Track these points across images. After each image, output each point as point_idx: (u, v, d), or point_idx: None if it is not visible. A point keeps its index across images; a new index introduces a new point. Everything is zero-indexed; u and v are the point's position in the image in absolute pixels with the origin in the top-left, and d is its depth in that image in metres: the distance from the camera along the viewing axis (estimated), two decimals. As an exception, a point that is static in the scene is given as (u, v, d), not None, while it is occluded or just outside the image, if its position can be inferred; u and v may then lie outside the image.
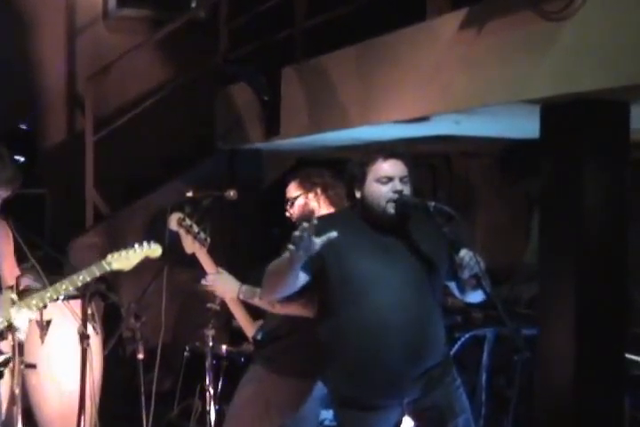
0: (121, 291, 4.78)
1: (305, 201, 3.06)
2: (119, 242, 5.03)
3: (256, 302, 2.95)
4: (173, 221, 3.22)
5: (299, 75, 4.62)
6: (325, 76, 4.33)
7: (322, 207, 3.05)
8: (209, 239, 3.15)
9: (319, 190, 3.05)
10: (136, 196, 5.25)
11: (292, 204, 3.08)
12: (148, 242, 3.06)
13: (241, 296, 3.01)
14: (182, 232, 3.19)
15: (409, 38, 3.67)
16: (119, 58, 5.32)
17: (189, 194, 3.48)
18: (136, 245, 3.04)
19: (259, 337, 3.08)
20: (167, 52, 5.83)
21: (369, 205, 2.57)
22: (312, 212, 3.04)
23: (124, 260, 3.01)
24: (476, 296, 2.61)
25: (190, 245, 3.18)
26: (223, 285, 3.07)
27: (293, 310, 2.86)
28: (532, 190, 2.40)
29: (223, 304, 3.77)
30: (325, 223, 2.68)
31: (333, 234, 2.36)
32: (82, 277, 2.95)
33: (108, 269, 2.98)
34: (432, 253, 2.57)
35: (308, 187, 3.06)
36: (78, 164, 5.20)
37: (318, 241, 2.34)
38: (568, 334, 3.05)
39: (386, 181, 2.54)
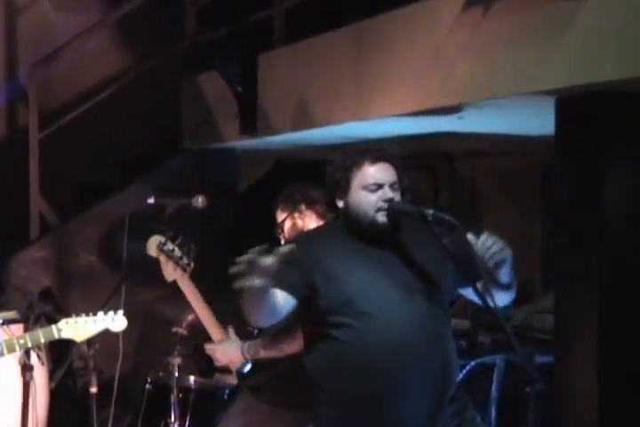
0: (71, 313, 4.75)
1: (292, 222, 3.13)
2: (69, 257, 5.06)
3: (263, 354, 3.05)
4: (152, 246, 3.25)
5: (278, 62, 4.65)
6: (309, 63, 4.35)
7: (310, 224, 3.10)
8: (192, 264, 3.17)
9: (303, 207, 3.12)
10: (89, 203, 5.24)
11: (282, 229, 3.14)
12: (115, 312, 3.04)
13: (248, 357, 3.09)
14: (162, 259, 3.22)
15: (405, 20, 3.71)
16: (68, 42, 5.32)
17: (151, 201, 3.50)
18: (99, 314, 3.01)
19: (245, 370, 3.11)
20: (125, 35, 5.83)
21: (355, 216, 2.58)
22: (302, 231, 3.09)
23: (79, 329, 2.98)
24: (504, 297, 2.60)
25: (171, 273, 3.21)
26: (225, 353, 3.16)
27: (302, 345, 2.90)
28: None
29: (190, 328, 3.78)
30: (309, 240, 2.69)
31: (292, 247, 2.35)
32: (22, 342, 2.92)
33: (56, 336, 2.96)
34: (430, 265, 2.58)
35: (291, 206, 3.14)
36: (21, 165, 5.19)
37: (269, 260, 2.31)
38: (590, 361, 3.08)
39: (374, 188, 2.55)
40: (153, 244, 3.25)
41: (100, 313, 3.01)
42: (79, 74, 5.70)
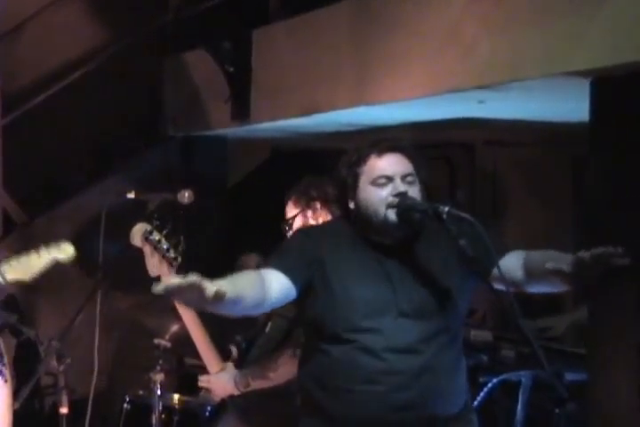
0: (39, 323, 4.77)
1: (303, 220, 3.14)
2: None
3: (253, 385, 3.11)
4: (137, 235, 3.25)
5: (275, 39, 4.65)
6: (310, 41, 4.36)
7: None
8: (180, 258, 3.18)
9: (318, 205, 3.13)
10: (60, 198, 5.25)
11: (291, 226, 3.16)
12: (57, 242, 3.09)
13: (242, 389, 3.15)
14: (148, 250, 3.23)
15: (419, -8, 3.73)
16: (36, 14, 5.32)
17: (130, 195, 3.50)
18: (42, 248, 3.07)
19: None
20: (101, 8, 5.84)
21: (366, 216, 2.57)
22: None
23: (24, 267, 3.02)
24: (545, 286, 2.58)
25: (156, 267, 3.22)
26: (219, 386, 3.21)
27: (289, 368, 2.95)
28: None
29: (174, 340, 3.79)
30: (320, 233, 2.68)
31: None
32: None
33: (2, 282, 2.99)
34: (447, 279, 2.58)
35: (304, 203, 3.16)
36: (-18, 156, 5.20)
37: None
38: (629, 378, 3.08)
39: (384, 182, 2.54)
40: (138, 232, 3.26)
41: (42, 247, 3.07)
42: (47, 51, 5.70)
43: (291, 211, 3.19)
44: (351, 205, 2.60)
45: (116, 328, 4.73)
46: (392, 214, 2.53)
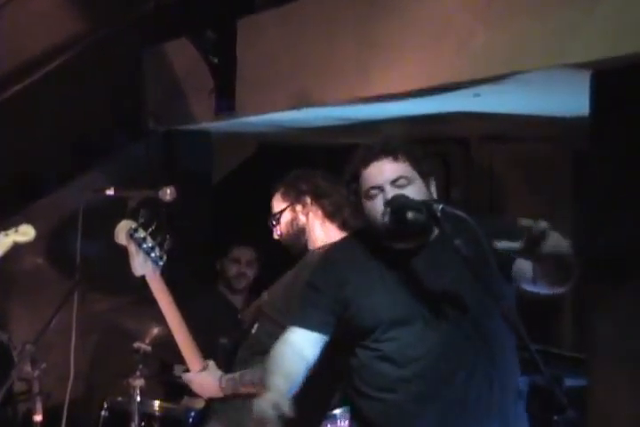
0: (12, 325, 4.76)
1: (292, 215, 3.12)
2: (11, 259, 5.04)
3: (242, 390, 3.08)
4: (122, 233, 3.25)
5: (262, 28, 4.65)
6: (300, 30, 4.35)
7: (314, 222, 3.10)
8: (165, 257, 3.18)
9: (308, 200, 3.11)
10: (34, 195, 5.23)
11: (278, 220, 3.14)
12: (17, 225, 3.11)
13: (228, 392, 3.13)
14: (133, 248, 3.22)
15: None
16: (8, 1, 5.30)
17: (110, 192, 3.50)
18: (1, 232, 3.09)
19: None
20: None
21: (374, 227, 2.61)
22: (302, 229, 3.11)
23: None
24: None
25: (141, 266, 3.21)
26: (202, 387, 3.20)
27: None
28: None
29: (155, 344, 3.79)
30: (335, 258, 2.72)
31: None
32: None
33: None
34: (466, 275, 2.58)
35: (293, 196, 3.13)
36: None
37: None
38: (631, 383, 3.09)
39: (376, 192, 2.57)
40: (122, 230, 3.25)
41: (0, 232, 3.10)
42: (21, 41, 5.67)
43: (278, 205, 3.16)
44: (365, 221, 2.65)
45: (94, 331, 4.71)
46: (388, 220, 2.55)
